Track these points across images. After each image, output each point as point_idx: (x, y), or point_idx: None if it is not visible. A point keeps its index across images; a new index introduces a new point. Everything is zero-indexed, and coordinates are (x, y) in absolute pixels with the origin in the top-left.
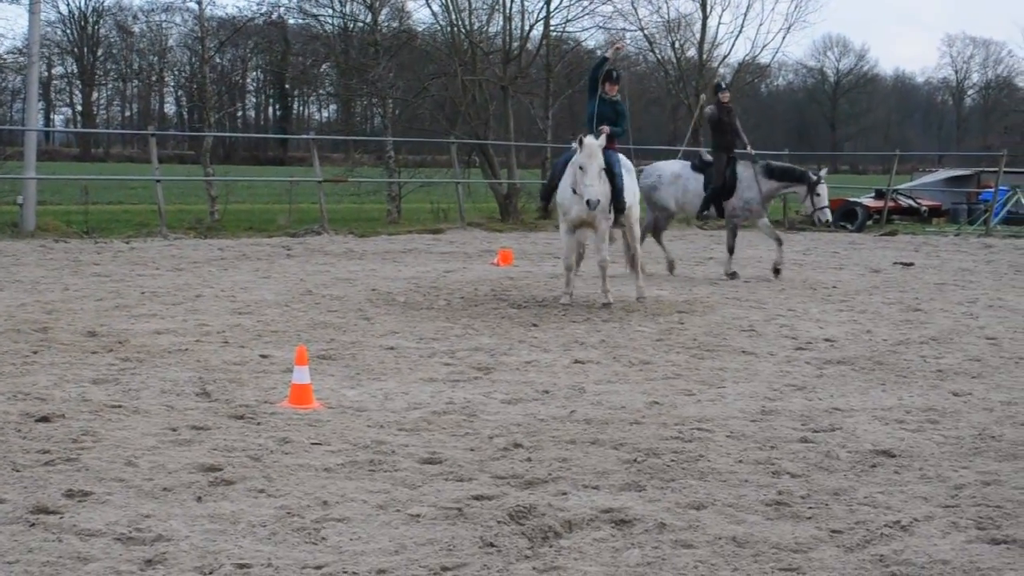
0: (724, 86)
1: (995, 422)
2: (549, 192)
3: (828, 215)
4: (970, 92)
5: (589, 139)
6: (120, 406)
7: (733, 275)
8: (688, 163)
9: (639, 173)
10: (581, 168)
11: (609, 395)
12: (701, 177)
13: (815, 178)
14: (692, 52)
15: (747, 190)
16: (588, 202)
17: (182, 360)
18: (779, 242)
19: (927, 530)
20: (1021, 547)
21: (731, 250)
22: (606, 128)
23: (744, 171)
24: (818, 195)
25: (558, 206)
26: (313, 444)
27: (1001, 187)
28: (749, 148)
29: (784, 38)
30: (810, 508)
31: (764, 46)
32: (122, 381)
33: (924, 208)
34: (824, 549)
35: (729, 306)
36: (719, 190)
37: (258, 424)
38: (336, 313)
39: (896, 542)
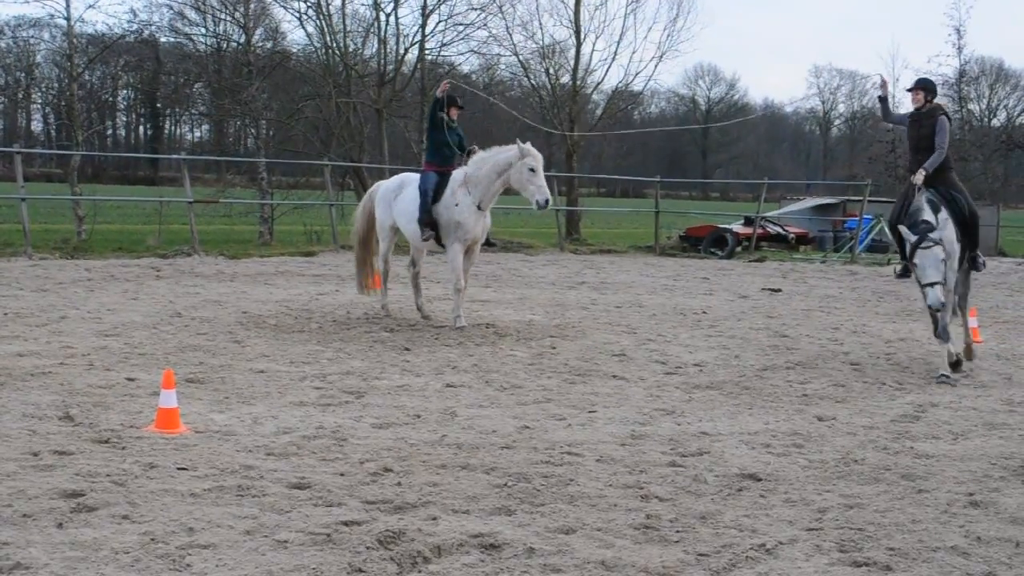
0: (916, 84)
1: (858, 446)
2: (430, 217)
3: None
4: (836, 122)
5: (529, 145)
6: None
7: (957, 364)
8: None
9: None
10: (532, 170)
11: (480, 419)
12: None
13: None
14: (566, 78)
15: None
16: (546, 201)
17: (45, 383)
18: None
19: (791, 553)
20: (881, 569)
21: (938, 332)
22: (476, 147)
23: (916, 202)
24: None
25: (456, 226)
26: (179, 469)
27: (866, 216)
28: (919, 172)
29: (656, 66)
30: (678, 532)
31: (637, 74)
32: None
33: (791, 235)
34: (691, 572)
35: (601, 331)
36: (893, 223)
37: (123, 449)
38: (205, 336)
39: (761, 565)
